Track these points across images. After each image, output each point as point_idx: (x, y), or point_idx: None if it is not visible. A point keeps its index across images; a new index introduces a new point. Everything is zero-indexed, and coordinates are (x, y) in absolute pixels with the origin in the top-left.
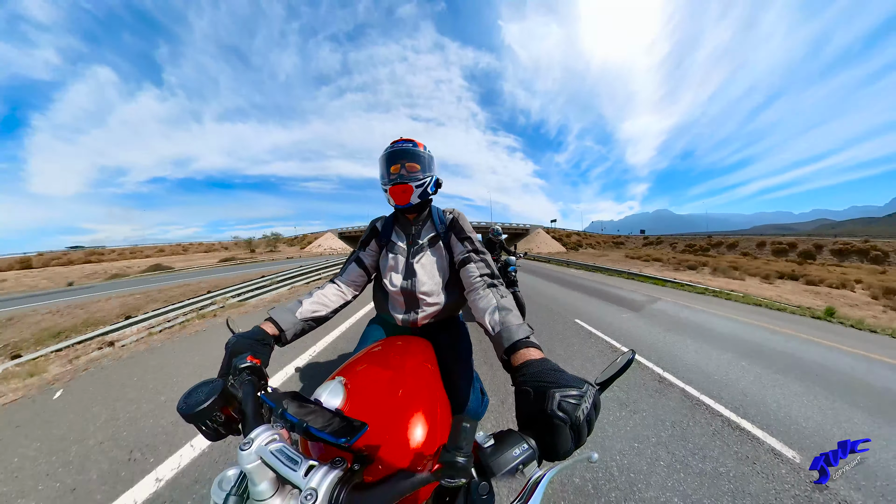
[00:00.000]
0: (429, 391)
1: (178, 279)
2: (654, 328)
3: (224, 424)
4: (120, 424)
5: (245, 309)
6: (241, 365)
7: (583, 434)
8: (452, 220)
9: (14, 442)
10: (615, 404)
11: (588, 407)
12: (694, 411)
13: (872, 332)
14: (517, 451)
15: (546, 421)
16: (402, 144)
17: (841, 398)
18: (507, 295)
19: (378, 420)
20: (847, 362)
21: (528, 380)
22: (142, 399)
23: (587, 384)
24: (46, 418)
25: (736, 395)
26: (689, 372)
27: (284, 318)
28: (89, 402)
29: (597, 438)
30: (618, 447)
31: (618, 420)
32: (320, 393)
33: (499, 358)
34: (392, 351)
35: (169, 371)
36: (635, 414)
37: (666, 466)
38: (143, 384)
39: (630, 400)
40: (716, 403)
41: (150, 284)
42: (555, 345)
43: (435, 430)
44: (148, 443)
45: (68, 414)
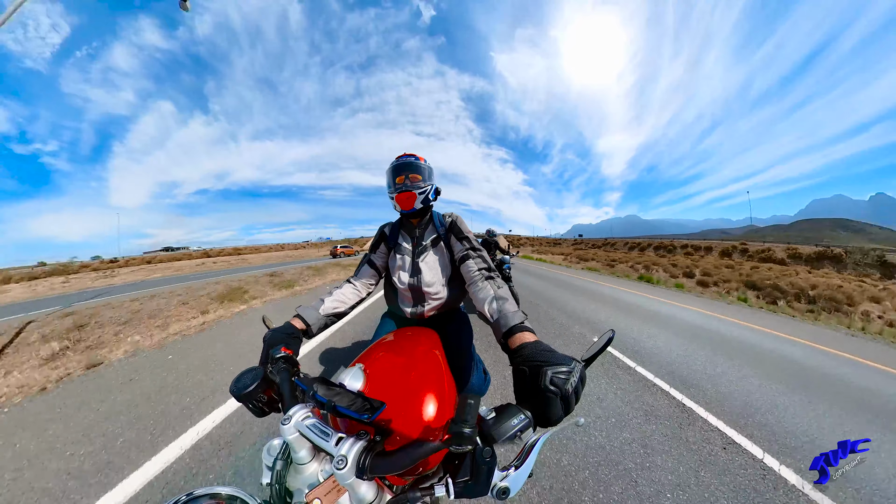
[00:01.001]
0: (437, 373)
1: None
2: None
3: (267, 404)
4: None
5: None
6: (277, 355)
7: (571, 403)
8: (451, 223)
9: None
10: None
11: (576, 381)
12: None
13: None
14: (515, 421)
15: (540, 394)
16: (406, 158)
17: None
18: (503, 286)
19: (394, 399)
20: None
21: (524, 360)
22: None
23: (575, 361)
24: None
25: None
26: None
27: (310, 314)
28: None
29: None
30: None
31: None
32: (343, 377)
33: (498, 342)
34: (403, 340)
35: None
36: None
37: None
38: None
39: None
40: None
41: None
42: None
43: (444, 405)
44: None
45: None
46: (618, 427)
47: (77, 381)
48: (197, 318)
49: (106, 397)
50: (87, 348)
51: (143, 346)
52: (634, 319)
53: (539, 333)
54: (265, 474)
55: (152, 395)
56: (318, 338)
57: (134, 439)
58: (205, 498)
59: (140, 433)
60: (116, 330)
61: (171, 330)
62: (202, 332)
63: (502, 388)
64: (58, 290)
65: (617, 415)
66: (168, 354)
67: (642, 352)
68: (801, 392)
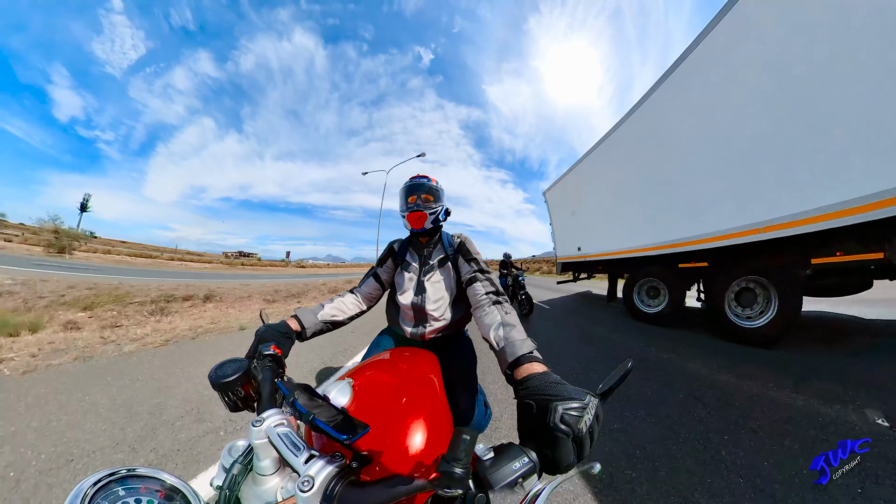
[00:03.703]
0: (432, 401)
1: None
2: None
3: (242, 399)
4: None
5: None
6: (265, 351)
7: (585, 446)
8: (460, 244)
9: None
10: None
11: (591, 419)
12: None
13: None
14: (517, 465)
15: (548, 434)
16: (419, 179)
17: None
18: (511, 311)
19: (380, 424)
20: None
21: (530, 393)
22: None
23: (589, 395)
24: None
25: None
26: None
27: (307, 317)
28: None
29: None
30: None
31: None
32: (329, 390)
33: (503, 372)
34: (400, 360)
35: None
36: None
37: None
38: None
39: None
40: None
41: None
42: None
43: (435, 439)
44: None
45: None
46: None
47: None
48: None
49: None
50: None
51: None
52: (553, 292)
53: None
54: (219, 475)
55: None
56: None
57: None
58: (147, 479)
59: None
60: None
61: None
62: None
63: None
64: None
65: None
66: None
67: (545, 299)
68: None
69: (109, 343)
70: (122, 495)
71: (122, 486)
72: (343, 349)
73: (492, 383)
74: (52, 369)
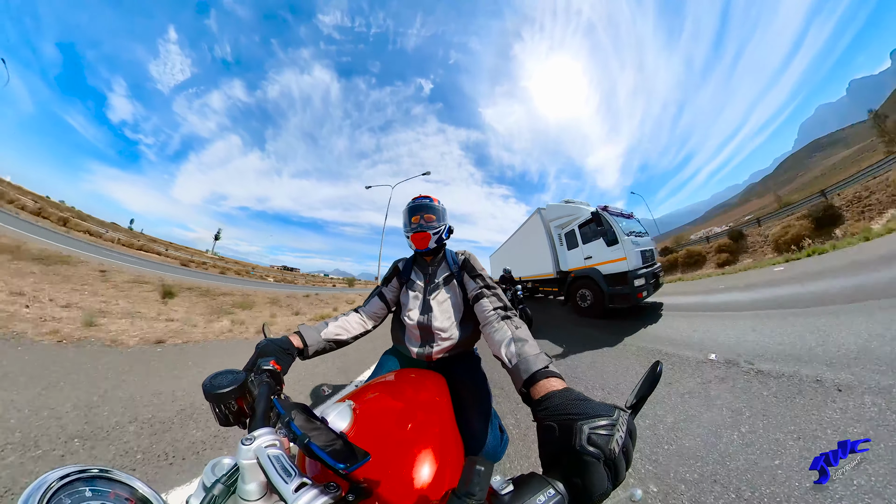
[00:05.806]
0: (440, 428)
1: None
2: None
3: (235, 414)
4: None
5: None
6: (264, 366)
7: (621, 469)
8: (464, 261)
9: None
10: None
11: (623, 436)
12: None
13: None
14: (542, 498)
15: (575, 459)
16: (422, 200)
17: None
18: (521, 326)
19: (382, 452)
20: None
21: (551, 413)
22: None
23: (617, 409)
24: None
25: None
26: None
27: (310, 334)
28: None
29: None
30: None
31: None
32: (328, 412)
33: (518, 391)
34: (405, 383)
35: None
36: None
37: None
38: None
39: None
40: None
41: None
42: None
43: (444, 471)
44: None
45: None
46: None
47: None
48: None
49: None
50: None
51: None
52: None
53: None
54: (197, 493)
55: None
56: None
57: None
58: (119, 485)
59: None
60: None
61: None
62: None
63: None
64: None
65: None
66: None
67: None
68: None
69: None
70: (87, 496)
71: (89, 487)
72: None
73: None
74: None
